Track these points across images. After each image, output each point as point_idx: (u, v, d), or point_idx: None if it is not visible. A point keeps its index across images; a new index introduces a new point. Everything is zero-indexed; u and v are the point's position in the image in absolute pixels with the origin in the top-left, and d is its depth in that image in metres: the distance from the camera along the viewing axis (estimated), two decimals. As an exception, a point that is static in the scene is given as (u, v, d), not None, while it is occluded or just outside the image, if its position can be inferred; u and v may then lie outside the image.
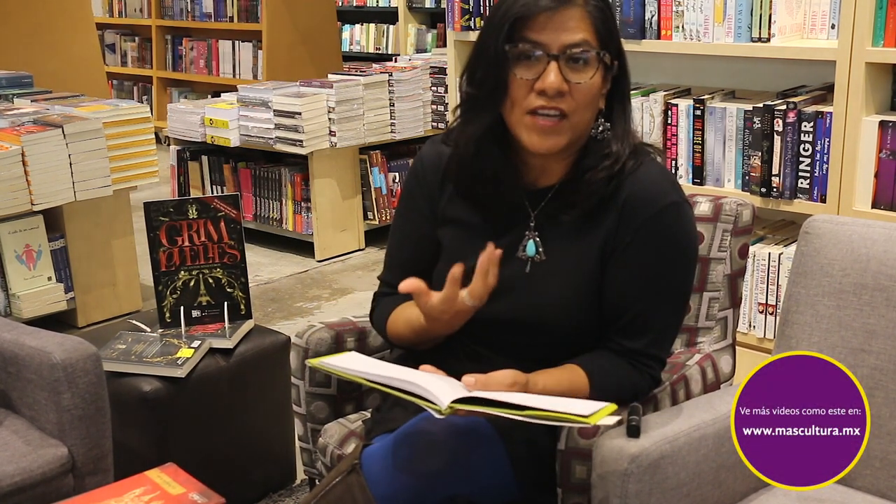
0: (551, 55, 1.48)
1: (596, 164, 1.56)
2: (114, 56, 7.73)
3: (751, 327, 2.85)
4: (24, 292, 3.38)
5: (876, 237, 1.66)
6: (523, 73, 1.50)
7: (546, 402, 1.39)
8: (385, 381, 1.41)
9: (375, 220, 4.63)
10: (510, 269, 1.62)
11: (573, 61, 1.49)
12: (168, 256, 2.39)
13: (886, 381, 1.60)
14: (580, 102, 1.51)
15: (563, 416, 1.35)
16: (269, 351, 2.40)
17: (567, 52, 1.48)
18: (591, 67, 1.50)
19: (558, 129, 1.52)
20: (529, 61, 1.50)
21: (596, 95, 1.53)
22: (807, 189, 2.69)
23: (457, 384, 1.42)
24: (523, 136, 1.54)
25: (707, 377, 1.81)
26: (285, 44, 6.23)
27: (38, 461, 1.84)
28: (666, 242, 1.57)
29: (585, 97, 1.51)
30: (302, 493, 2.48)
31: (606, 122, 1.58)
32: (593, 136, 1.58)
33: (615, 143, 1.57)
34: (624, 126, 1.59)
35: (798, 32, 2.77)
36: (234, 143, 4.57)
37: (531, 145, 1.54)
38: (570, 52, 1.48)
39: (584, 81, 1.49)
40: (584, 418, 1.35)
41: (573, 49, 1.48)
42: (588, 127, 1.57)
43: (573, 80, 1.49)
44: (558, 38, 1.48)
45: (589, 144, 1.59)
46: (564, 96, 1.49)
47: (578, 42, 1.48)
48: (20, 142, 3.30)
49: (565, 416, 1.35)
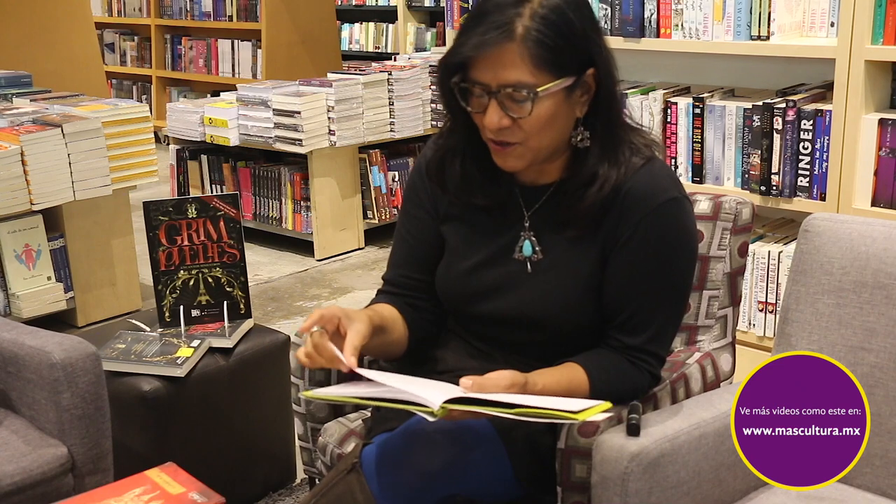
0: (490, 93, 1.50)
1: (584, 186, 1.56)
2: (113, 55, 7.73)
3: (751, 325, 2.85)
4: (24, 292, 3.38)
5: (875, 235, 1.66)
6: (472, 107, 1.54)
7: (538, 401, 1.39)
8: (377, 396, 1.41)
9: (375, 219, 4.62)
10: (509, 267, 1.63)
11: (510, 99, 1.49)
12: (167, 256, 2.39)
13: (886, 379, 1.60)
14: (530, 131, 1.51)
15: (553, 412, 1.36)
16: (269, 350, 2.40)
17: (503, 90, 1.48)
18: (529, 103, 1.48)
19: (515, 153, 1.54)
20: (475, 97, 1.53)
21: (553, 116, 1.51)
22: (806, 187, 2.69)
23: (450, 388, 1.42)
24: (492, 156, 1.58)
25: (707, 375, 1.81)
26: (284, 43, 6.23)
27: (38, 461, 1.84)
28: (665, 238, 1.57)
29: (534, 126, 1.50)
30: (302, 492, 2.48)
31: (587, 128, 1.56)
32: (573, 144, 1.57)
33: (601, 164, 1.56)
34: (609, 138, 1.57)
35: (797, 30, 2.77)
36: (234, 142, 4.56)
37: (499, 165, 1.58)
38: (505, 92, 1.48)
39: (528, 111, 1.49)
40: (573, 414, 1.36)
41: (507, 88, 1.48)
42: (555, 143, 1.56)
43: (516, 114, 1.50)
44: (496, 75, 1.48)
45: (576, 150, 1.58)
46: (511, 129, 1.51)
47: (512, 82, 1.47)
48: (19, 141, 3.30)
49: (555, 413, 1.36)
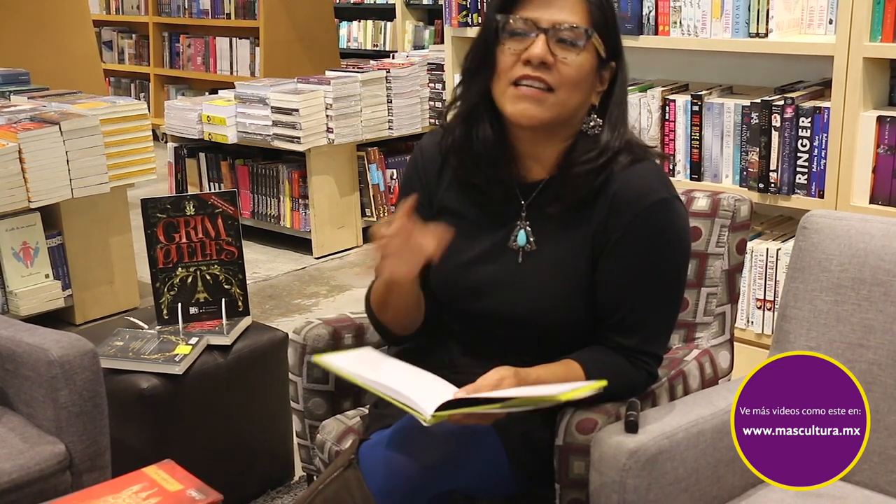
0: (541, 28, 1.51)
1: (583, 155, 1.57)
2: (111, 53, 7.72)
3: (749, 323, 2.85)
4: (22, 290, 3.38)
5: (874, 232, 1.66)
6: (513, 44, 1.53)
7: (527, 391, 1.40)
8: (376, 386, 1.42)
9: (373, 216, 4.62)
10: (502, 261, 1.63)
11: (562, 40, 1.51)
12: (165, 253, 2.39)
13: (884, 376, 1.60)
14: (565, 78, 1.52)
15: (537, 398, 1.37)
16: (267, 348, 2.40)
17: (556, 28, 1.51)
18: (578, 49, 1.51)
19: (541, 99, 1.52)
20: (520, 35, 1.53)
21: (584, 79, 1.54)
22: (805, 184, 2.69)
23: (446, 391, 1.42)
24: (507, 108, 1.55)
25: (705, 373, 1.81)
26: (283, 41, 6.22)
27: (36, 458, 1.84)
28: (655, 239, 1.57)
29: (571, 75, 1.52)
30: (300, 489, 2.48)
31: (599, 119, 1.58)
32: (584, 130, 1.58)
33: (605, 135, 1.57)
34: (617, 123, 1.58)
35: (796, 28, 2.77)
36: (232, 140, 4.56)
37: (514, 116, 1.55)
38: (559, 30, 1.51)
39: (570, 58, 1.51)
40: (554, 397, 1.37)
41: (562, 27, 1.51)
42: (575, 112, 1.56)
43: (559, 55, 1.51)
44: (551, 15, 1.51)
45: (579, 139, 1.59)
46: (550, 69, 1.51)
47: (569, 23, 1.51)
48: (17, 139, 3.30)
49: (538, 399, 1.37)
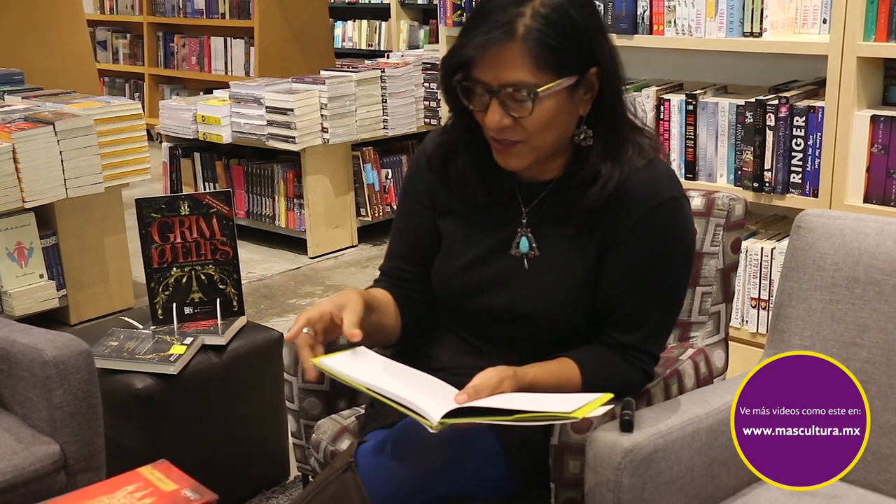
0: (492, 92, 1.49)
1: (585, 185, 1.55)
2: (105, 53, 7.70)
3: (743, 322, 2.85)
4: (16, 290, 3.37)
5: (868, 231, 1.66)
6: (474, 105, 1.53)
7: (535, 403, 1.39)
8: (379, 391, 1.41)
9: (368, 216, 4.62)
10: (505, 263, 1.62)
11: (512, 99, 1.48)
12: (160, 253, 2.38)
13: (878, 375, 1.61)
14: (531, 130, 1.50)
15: (551, 415, 1.36)
16: (262, 347, 2.39)
17: (504, 88, 1.48)
18: (530, 103, 1.47)
19: (517, 152, 1.54)
20: (477, 96, 1.52)
21: (554, 116, 1.51)
22: (799, 184, 2.69)
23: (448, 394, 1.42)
24: (493, 155, 1.57)
25: (700, 372, 1.82)
26: (277, 40, 6.21)
27: (30, 458, 1.84)
28: (663, 238, 1.57)
29: (535, 126, 1.50)
30: (295, 489, 2.47)
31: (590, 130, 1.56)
32: (576, 143, 1.57)
33: (604, 164, 1.55)
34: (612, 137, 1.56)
35: (790, 27, 2.78)
36: (227, 139, 4.55)
37: (499, 163, 1.57)
38: (506, 91, 1.48)
39: (526, 116, 1.49)
40: (568, 414, 1.36)
41: (508, 88, 1.48)
42: (559, 140, 1.55)
43: (517, 114, 1.49)
44: (496, 73, 1.48)
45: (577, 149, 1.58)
46: (513, 128, 1.50)
47: (513, 82, 1.47)
48: (11, 139, 3.29)
49: (553, 415, 1.36)
